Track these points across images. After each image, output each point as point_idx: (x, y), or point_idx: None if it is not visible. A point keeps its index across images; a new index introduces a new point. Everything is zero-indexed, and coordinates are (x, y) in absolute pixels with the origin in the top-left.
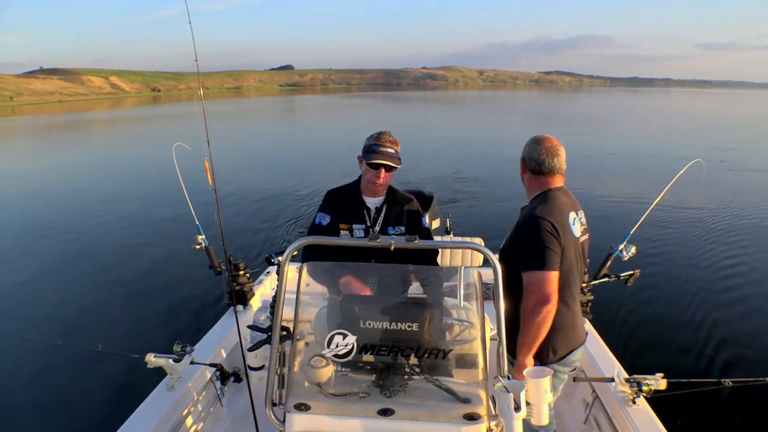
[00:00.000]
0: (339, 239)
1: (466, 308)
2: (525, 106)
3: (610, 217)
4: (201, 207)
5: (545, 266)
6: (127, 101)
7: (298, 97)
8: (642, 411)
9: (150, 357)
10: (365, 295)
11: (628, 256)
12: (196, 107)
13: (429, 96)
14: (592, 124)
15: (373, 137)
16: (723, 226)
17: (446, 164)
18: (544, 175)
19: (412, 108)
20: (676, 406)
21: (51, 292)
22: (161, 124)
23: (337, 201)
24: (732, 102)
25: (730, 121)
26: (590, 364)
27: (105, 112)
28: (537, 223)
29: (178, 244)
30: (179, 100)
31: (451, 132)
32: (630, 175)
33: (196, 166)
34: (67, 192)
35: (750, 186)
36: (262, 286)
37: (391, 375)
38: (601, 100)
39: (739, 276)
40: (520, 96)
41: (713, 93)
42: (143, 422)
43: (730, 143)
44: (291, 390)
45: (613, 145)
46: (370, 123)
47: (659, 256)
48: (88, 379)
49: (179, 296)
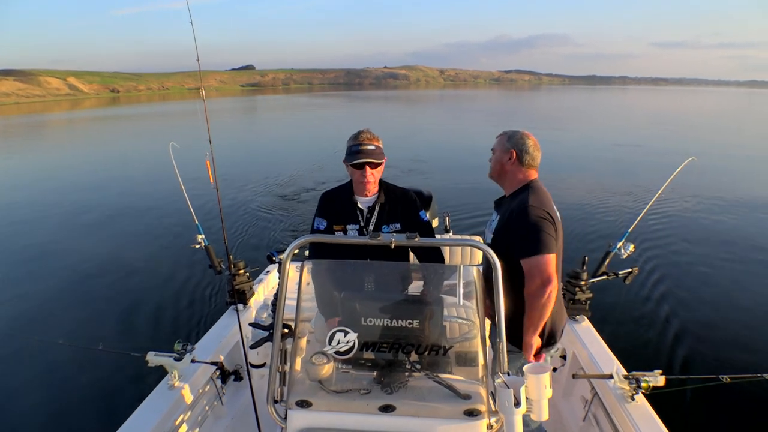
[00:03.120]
0: (340, 237)
1: (466, 306)
2: (490, 104)
3: (594, 216)
4: (198, 206)
5: (546, 250)
6: (85, 102)
7: (260, 97)
8: (641, 407)
9: (151, 356)
10: (366, 292)
11: (626, 254)
12: (196, 106)
13: (393, 95)
14: (563, 121)
15: (352, 138)
16: (720, 222)
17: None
18: (531, 167)
19: (389, 107)
20: (675, 403)
21: (51, 292)
22: (141, 124)
23: (330, 204)
24: (692, 99)
25: (708, 118)
26: (589, 362)
27: (76, 112)
28: (534, 212)
29: (177, 243)
30: (139, 101)
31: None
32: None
33: (191, 166)
34: (64, 192)
35: (740, 180)
36: (263, 284)
37: (392, 372)
38: (562, 98)
39: (736, 272)
40: (482, 94)
41: (669, 90)
42: (144, 421)
43: (718, 140)
44: (292, 387)
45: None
46: (347, 119)
47: (657, 254)
48: (89, 378)
49: (180, 295)
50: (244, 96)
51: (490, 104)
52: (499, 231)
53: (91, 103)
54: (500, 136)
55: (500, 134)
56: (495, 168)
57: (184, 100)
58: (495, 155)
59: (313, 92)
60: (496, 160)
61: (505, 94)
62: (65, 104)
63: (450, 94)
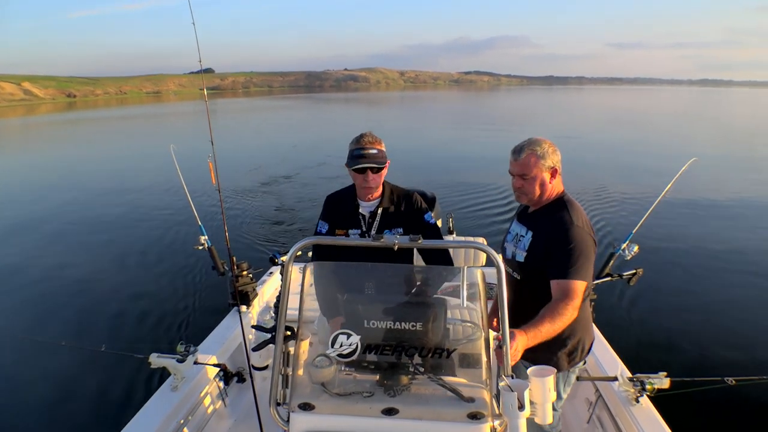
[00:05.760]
0: (343, 239)
1: (470, 308)
2: (452, 105)
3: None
4: (200, 208)
5: (587, 278)
6: (41, 108)
7: (221, 101)
8: (645, 410)
9: (153, 357)
10: (368, 294)
11: (630, 255)
12: (196, 107)
13: (355, 97)
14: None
15: (353, 142)
16: (725, 222)
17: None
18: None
19: (361, 109)
20: (680, 405)
21: (54, 293)
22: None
23: (334, 207)
24: (648, 98)
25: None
26: (593, 364)
27: (53, 116)
28: (579, 234)
29: (180, 244)
30: (96, 106)
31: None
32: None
33: (189, 168)
34: (64, 192)
35: (739, 181)
36: (265, 286)
37: (395, 374)
38: (523, 98)
39: (741, 274)
40: (443, 95)
41: (624, 89)
42: (147, 422)
43: (720, 139)
44: (295, 389)
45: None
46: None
47: (662, 255)
48: (92, 380)
49: (183, 296)
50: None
51: (451, 105)
52: (536, 249)
53: (47, 108)
54: (529, 157)
55: (524, 154)
56: (536, 191)
57: (142, 105)
58: (532, 178)
59: (273, 95)
60: (538, 183)
61: (465, 95)
62: (20, 110)
63: (411, 96)
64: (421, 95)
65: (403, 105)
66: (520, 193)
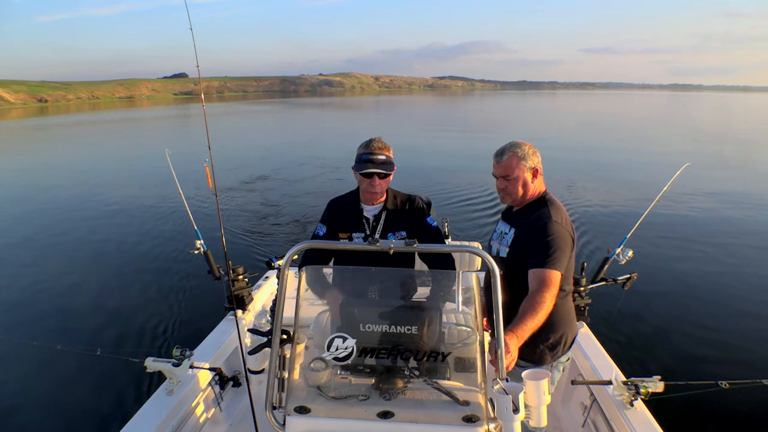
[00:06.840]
0: (338, 243)
1: (465, 312)
2: (427, 110)
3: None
4: (195, 212)
5: (562, 268)
6: (12, 113)
7: (195, 106)
8: (640, 413)
9: (149, 361)
10: (365, 298)
11: (625, 259)
12: (170, 111)
13: (330, 101)
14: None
15: (362, 146)
16: (718, 227)
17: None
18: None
19: (340, 114)
20: (674, 409)
21: (50, 297)
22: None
23: (336, 211)
24: (626, 101)
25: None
26: (588, 368)
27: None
28: (557, 228)
29: (176, 249)
30: (68, 111)
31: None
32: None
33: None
34: (61, 197)
35: (738, 180)
36: (261, 290)
37: (390, 378)
38: (498, 102)
39: (734, 278)
40: (417, 100)
41: (596, 94)
42: (142, 426)
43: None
44: (291, 393)
45: None
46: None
47: (656, 260)
48: (87, 384)
49: (178, 301)
50: (178, 104)
51: (427, 110)
52: (517, 244)
53: (18, 113)
54: (511, 159)
55: (506, 157)
56: (518, 191)
57: (115, 110)
58: (514, 179)
59: (248, 100)
60: (521, 184)
61: (440, 100)
62: None
63: (386, 101)
64: (396, 100)
65: (379, 109)
66: (504, 194)
